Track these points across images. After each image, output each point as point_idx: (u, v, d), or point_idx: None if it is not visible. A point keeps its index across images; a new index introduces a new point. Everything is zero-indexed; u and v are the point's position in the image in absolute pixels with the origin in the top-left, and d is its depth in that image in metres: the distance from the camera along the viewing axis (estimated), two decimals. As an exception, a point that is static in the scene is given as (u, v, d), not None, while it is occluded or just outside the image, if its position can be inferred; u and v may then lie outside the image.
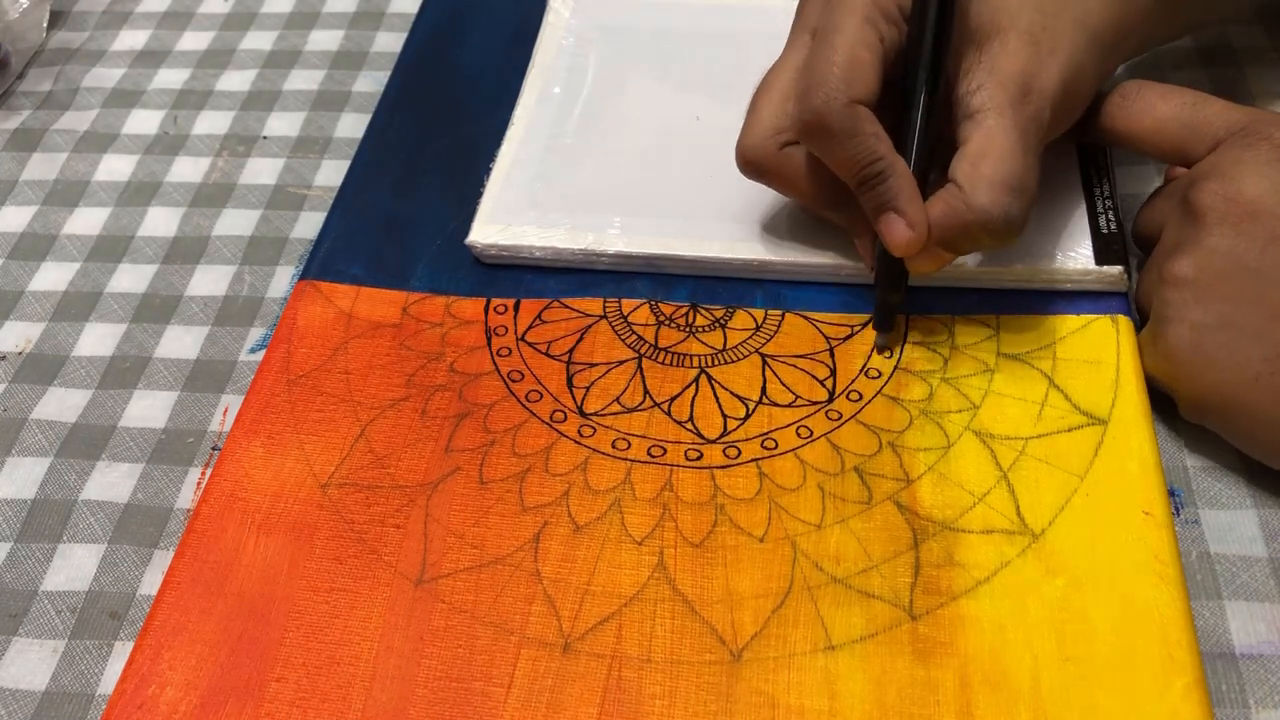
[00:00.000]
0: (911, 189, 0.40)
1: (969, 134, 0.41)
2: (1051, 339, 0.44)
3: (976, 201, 0.40)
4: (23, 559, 0.42)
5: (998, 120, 0.40)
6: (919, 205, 0.40)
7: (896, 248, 0.41)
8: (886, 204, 0.40)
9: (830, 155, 0.41)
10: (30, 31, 0.62)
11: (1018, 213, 0.40)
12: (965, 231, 0.40)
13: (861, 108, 0.40)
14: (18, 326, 0.50)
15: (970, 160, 0.40)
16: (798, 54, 0.43)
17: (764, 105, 0.44)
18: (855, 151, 0.40)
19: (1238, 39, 0.55)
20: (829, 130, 0.40)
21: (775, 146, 0.43)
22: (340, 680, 0.37)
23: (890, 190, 0.40)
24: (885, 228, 0.41)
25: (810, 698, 0.36)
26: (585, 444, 0.43)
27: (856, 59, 0.40)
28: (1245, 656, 0.37)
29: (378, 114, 0.56)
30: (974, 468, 0.41)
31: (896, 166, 0.40)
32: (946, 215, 0.40)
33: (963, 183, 0.40)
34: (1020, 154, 0.40)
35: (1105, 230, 0.46)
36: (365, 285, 0.48)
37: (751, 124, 0.44)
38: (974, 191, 0.40)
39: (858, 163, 0.40)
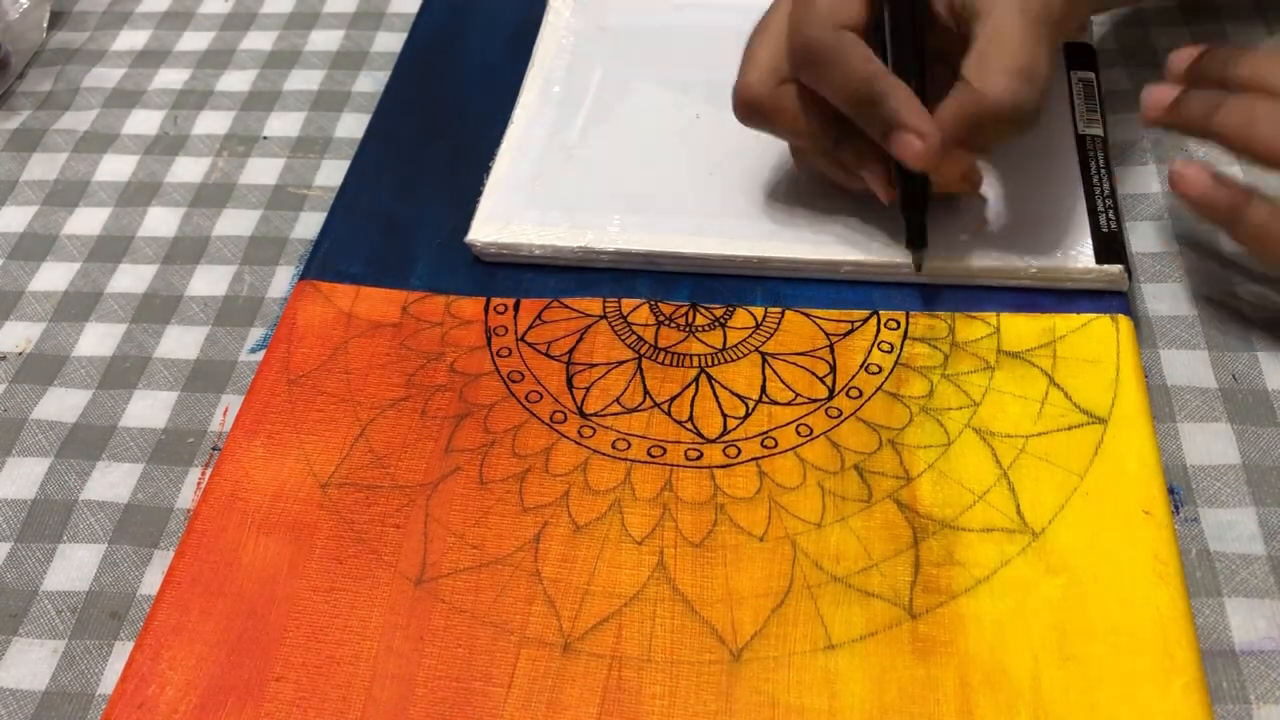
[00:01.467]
0: (911, 101, 0.40)
1: (977, 33, 0.41)
2: (1052, 337, 0.44)
3: (988, 90, 0.39)
4: (23, 559, 0.42)
5: (1005, 13, 0.40)
6: (924, 114, 0.40)
7: (914, 161, 0.40)
8: (891, 123, 0.40)
9: (824, 83, 0.41)
10: (30, 31, 0.62)
11: (1031, 99, 0.40)
12: (980, 125, 0.40)
13: (849, 33, 0.41)
14: (18, 326, 0.50)
15: (979, 53, 0.40)
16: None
17: (760, 46, 0.44)
18: (848, 74, 0.40)
19: (1236, 34, 0.55)
20: (820, 58, 0.41)
21: (772, 84, 0.43)
22: (340, 680, 0.37)
23: (890, 108, 0.40)
24: (897, 146, 0.41)
25: (810, 697, 0.36)
26: (585, 444, 0.43)
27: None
28: (1245, 653, 0.37)
29: (378, 114, 0.56)
30: (974, 466, 0.41)
31: (892, 83, 0.40)
32: (960, 111, 0.40)
33: (972, 76, 0.40)
34: (1031, 40, 0.40)
35: (1105, 229, 0.46)
36: (365, 285, 0.48)
37: (748, 65, 0.44)
38: (984, 82, 0.40)
39: (851, 85, 0.41)
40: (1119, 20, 0.56)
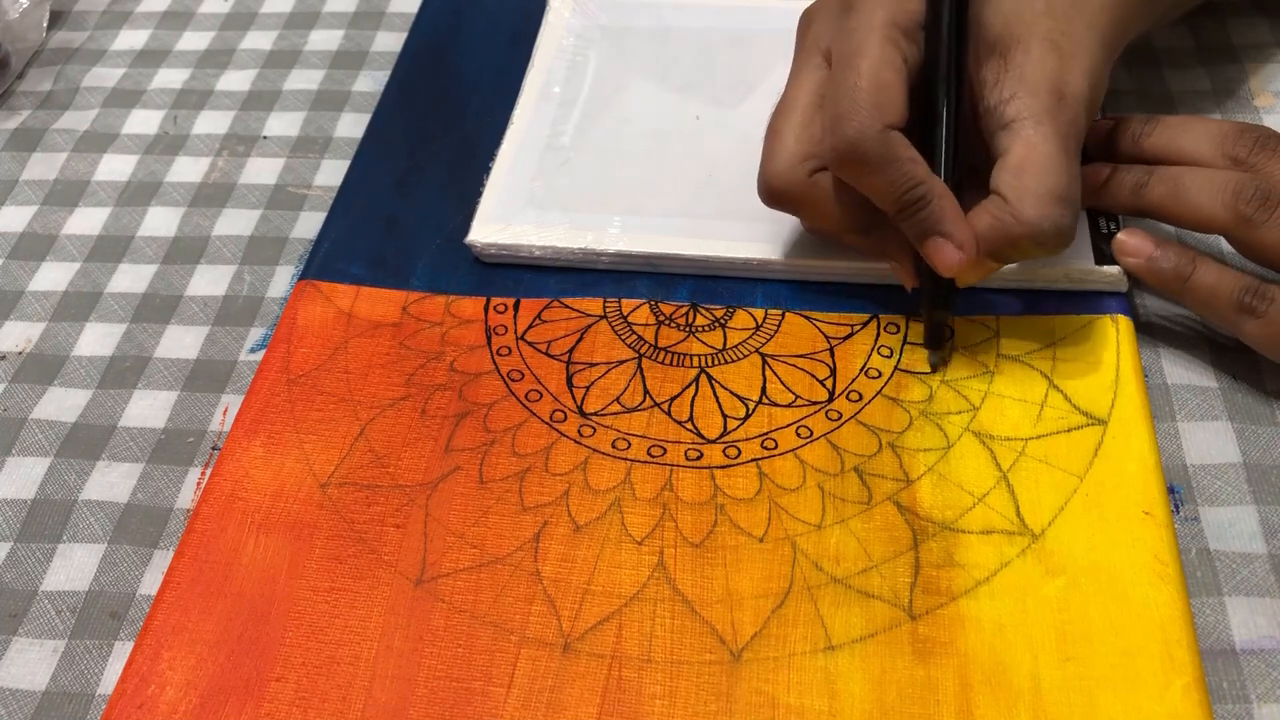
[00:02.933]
0: (955, 210, 0.40)
1: (1008, 144, 0.40)
2: (1051, 339, 0.44)
3: (1025, 214, 0.39)
4: (23, 559, 0.42)
5: (1036, 129, 0.40)
6: (964, 225, 0.40)
7: (948, 270, 0.40)
8: (932, 229, 0.40)
9: (867, 184, 0.40)
10: (30, 31, 0.62)
11: (1068, 223, 0.39)
12: (1014, 245, 0.40)
13: (896, 133, 0.39)
14: (18, 326, 0.50)
15: (1013, 171, 0.40)
16: (812, 76, 0.43)
17: (786, 131, 0.43)
18: (895, 179, 0.39)
19: (1238, 33, 0.55)
20: (866, 160, 0.39)
21: (805, 174, 0.42)
22: (340, 680, 0.37)
23: (934, 214, 0.40)
24: (933, 252, 0.40)
25: (810, 697, 0.36)
26: (585, 444, 0.43)
27: (884, 83, 0.39)
28: (1246, 652, 0.37)
29: (378, 114, 0.56)
30: (974, 468, 0.41)
31: (936, 189, 0.40)
32: (994, 229, 0.40)
33: (1008, 195, 0.39)
34: (1064, 163, 0.39)
35: (1105, 230, 0.46)
36: (365, 285, 0.48)
37: (775, 151, 0.43)
38: (1021, 204, 0.39)
39: (898, 190, 0.40)
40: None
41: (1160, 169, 0.43)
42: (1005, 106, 0.40)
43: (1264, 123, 0.51)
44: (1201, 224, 0.42)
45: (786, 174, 0.42)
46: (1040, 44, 0.41)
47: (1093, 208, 0.46)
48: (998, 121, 0.41)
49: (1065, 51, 0.41)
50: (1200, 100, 0.53)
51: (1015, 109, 0.40)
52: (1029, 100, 0.40)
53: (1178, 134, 0.44)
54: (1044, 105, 0.40)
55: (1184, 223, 0.43)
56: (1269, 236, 0.40)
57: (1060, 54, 0.41)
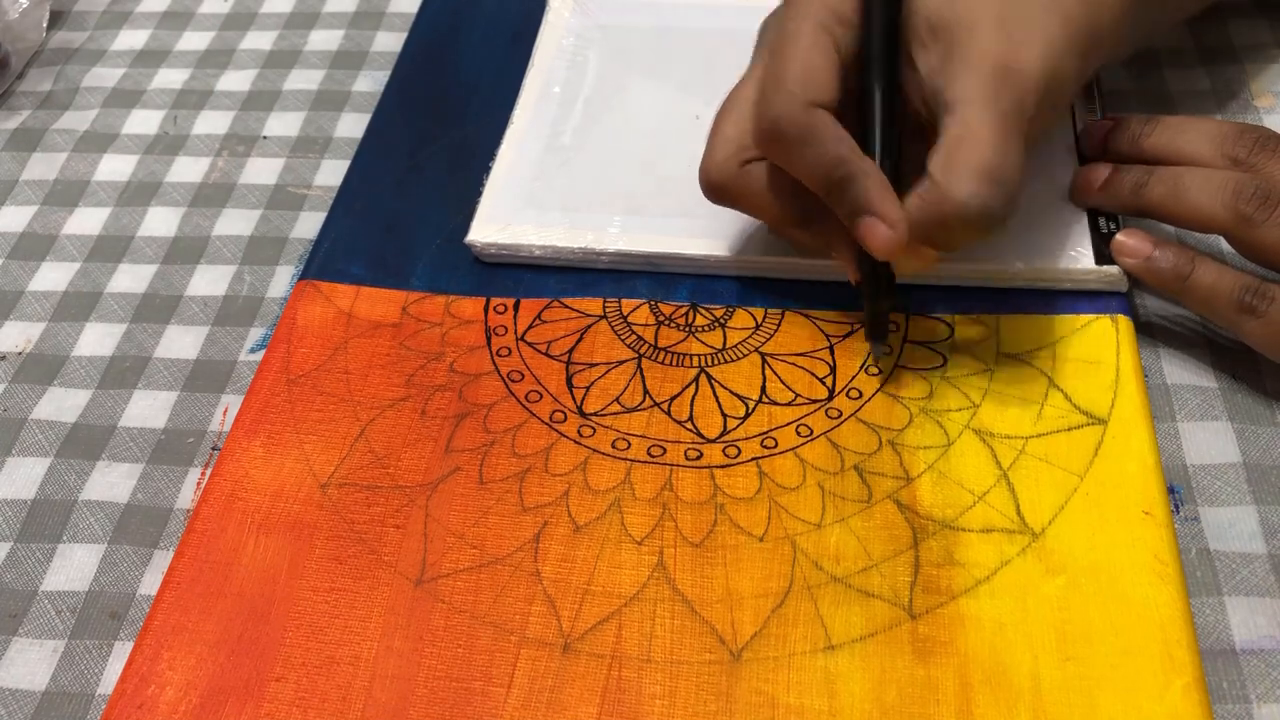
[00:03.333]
0: (883, 187, 0.39)
1: (946, 128, 0.39)
2: (1051, 339, 0.44)
3: (952, 192, 0.38)
4: (23, 559, 0.42)
5: (971, 108, 0.38)
6: (895, 203, 0.39)
7: (879, 250, 0.39)
8: (860, 207, 0.39)
9: (794, 163, 0.40)
10: (30, 31, 0.62)
11: (998, 204, 0.38)
12: (943, 225, 0.39)
13: (820, 111, 0.39)
14: (18, 326, 0.50)
15: (946, 151, 0.38)
16: (756, 71, 0.43)
17: (726, 124, 0.42)
18: (820, 155, 0.39)
19: (1239, 33, 0.55)
20: (788, 136, 0.39)
21: (737, 164, 0.42)
22: (340, 680, 0.37)
23: (862, 192, 0.39)
24: (863, 231, 0.39)
25: (810, 697, 0.36)
26: (585, 444, 0.43)
27: (810, 64, 0.39)
28: (1246, 652, 0.37)
29: (378, 114, 0.56)
30: (974, 467, 0.41)
31: (865, 166, 0.39)
32: (922, 209, 0.38)
33: (937, 175, 0.38)
34: (999, 142, 0.38)
35: (1105, 230, 0.45)
36: (365, 285, 0.48)
37: (714, 145, 0.43)
38: (949, 182, 0.38)
39: (823, 167, 0.39)
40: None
41: (1160, 169, 0.43)
42: (947, 91, 0.39)
43: (1264, 123, 0.51)
44: (1201, 224, 0.42)
45: (722, 166, 0.42)
46: (988, 25, 0.40)
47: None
48: (941, 107, 0.40)
49: (1015, 33, 0.39)
50: (1200, 100, 0.53)
51: (955, 91, 0.39)
52: (968, 81, 0.39)
53: (1177, 134, 0.44)
54: (984, 83, 0.39)
55: (1184, 223, 0.43)
56: (1268, 236, 0.40)
57: (1008, 34, 0.39)
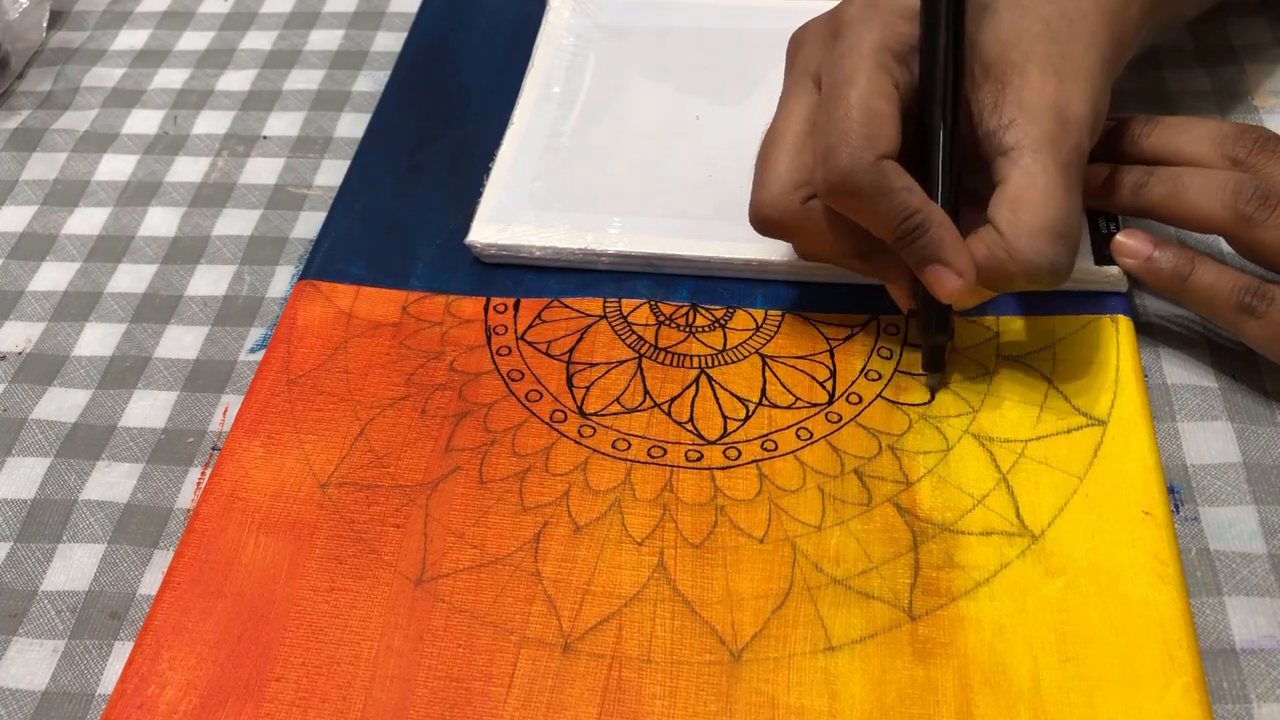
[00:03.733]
0: (954, 237, 0.39)
1: (1006, 173, 0.39)
2: (1051, 340, 0.44)
3: (1019, 250, 0.38)
4: (23, 559, 0.42)
5: (1035, 158, 0.39)
6: (964, 252, 0.39)
7: (947, 296, 0.39)
8: (931, 256, 0.39)
9: (862, 215, 0.39)
10: (30, 31, 0.62)
11: (1064, 260, 0.38)
12: (1009, 278, 0.39)
13: (889, 163, 0.38)
14: (18, 326, 0.50)
15: (1010, 204, 0.38)
16: (802, 102, 0.42)
17: (778, 158, 0.41)
18: (890, 209, 0.38)
19: (1237, 34, 0.55)
20: (859, 192, 0.38)
21: (798, 202, 0.41)
22: (340, 680, 0.37)
23: (933, 242, 0.39)
24: (933, 279, 0.39)
25: (810, 698, 0.36)
26: (585, 444, 0.43)
27: (875, 111, 0.38)
28: (1246, 651, 0.37)
29: (378, 114, 0.56)
30: (973, 470, 0.41)
31: (934, 216, 0.39)
32: (989, 262, 0.39)
33: (1004, 229, 0.38)
34: (1064, 195, 0.38)
35: (1105, 231, 0.45)
36: (365, 285, 0.48)
37: (767, 179, 0.41)
38: (1016, 239, 0.38)
39: (895, 219, 0.39)
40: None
41: (1160, 169, 0.43)
42: (1004, 132, 0.39)
43: (1264, 123, 0.51)
44: (1201, 224, 0.42)
45: (779, 202, 0.41)
46: (1039, 67, 0.40)
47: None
48: (996, 147, 0.40)
49: (1065, 75, 0.40)
50: (1200, 100, 0.53)
51: (1014, 136, 0.39)
52: (1028, 127, 0.39)
53: (1177, 134, 0.44)
54: (1044, 132, 0.39)
55: (1183, 223, 0.43)
56: (1268, 236, 0.40)
57: (1060, 77, 0.40)
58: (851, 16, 0.41)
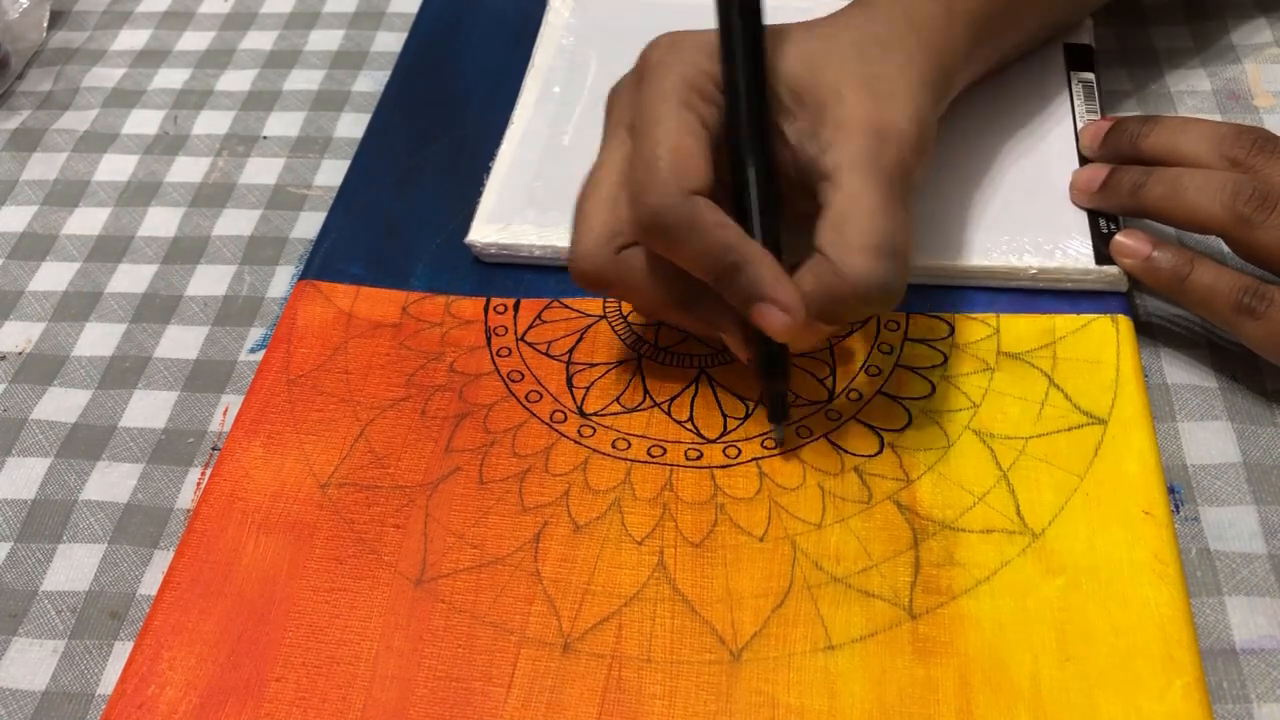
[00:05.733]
0: (775, 271, 0.37)
1: (828, 196, 0.38)
2: (1052, 338, 0.44)
3: (848, 271, 0.37)
4: (23, 559, 0.42)
5: (854, 176, 0.37)
6: (788, 286, 0.37)
7: (778, 334, 0.38)
8: (754, 294, 0.37)
9: (677, 254, 0.38)
10: (30, 31, 0.62)
11: (894, 278, 0.37)
12: (841, 304, 0.37)
13: (700, 199, 0.37)
14: (18, 326, 0.50)
15: (834, 225, 0.37)
16: (616, 153, 0.40)
17: (592, 210, 0.40)
18: (705, 245, 0.37)
19: (1237, 34, 0.55)
20: (670, 228, 0.37)
21: (612, 251, 0.39)
22: (340, 680, 0.37)
23: (753, 277, 0.37)
24: (760, 318, 0.38)
25: (810, 697, 0.36)
26: (585, 444, 0.43)
27: (682, 148, 0.37)
28: (1246, 651, 0.37)
29: (378, 114, 0.56)
30: (974, 467, 0.41)
31: (752, 252, 0.37)
32: (818, 289, 0.37)
33: (829, 251, 0.37)
34: (888, 211, 0.37)
35: (1105, 230, 0.45)
36: (365, 285, 0.48)
37: (582, 233, 0.40)
38: (843, 260, 0.37)
39: (710, 256, 0.37)
40: (1119, 20, 0.56)
41: (1158, 170, 0.43)
42: (823, 156, 0.38)
43: (1264, 123, 0.51)
44: (1199, 224, 0.42)
45: (595, 254, 0.40)
46: (853, 88, 0.39)
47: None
48: (818, 174, 0.39)
49: (881, 93, 0.39)
50: (1200, 100, 0.53)
51: (833, 157, 0.38)
52: (846, 146, 0.38)
53: (1176, 134, 0.44)
54: (862, 149, 0.38)
55: (1182, 223, 0.43)
56: (1266, 237, 0.40)
57: (876, 96, 0.39)
58: (655, 60, 0.40)
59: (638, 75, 0.41)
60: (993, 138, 0.49)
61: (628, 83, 0.42)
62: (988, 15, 0.44)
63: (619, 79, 0.43)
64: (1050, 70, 0.51)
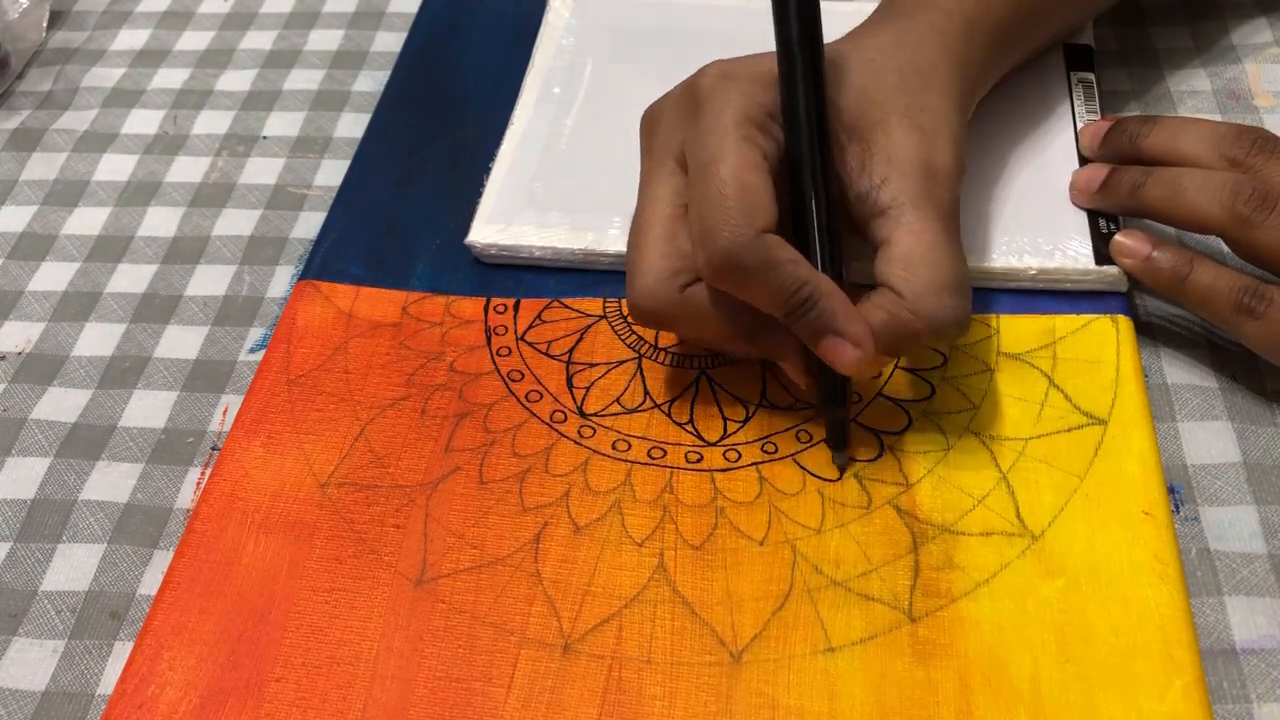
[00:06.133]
0: (846, 306, 0.38)
1: (888, 233, 0.38)
2: (1051, 339, 0.44)
3: (923, 310, 0.37)
4: (23, 559, 0.42)
5: (916, 214, 0.38)
6: (858, 320, 0.38)
7: (847, 369, 0.38)
8: (824, 328, 0.38)
9: (750, 293, 0.38)
10: (30, 31, 0.62)
11: (965, 314, 0.38)
12: (912, 340, 0.38)
13: (771, 236, 0.37)
14: (18, 326, 0.50)
15: (902, 263, 0.38)
16: (666, 185, 0.40)
17: (649, 247, 0.39)
18: (778, 284, 0.37)
19: (1237, 34, 0.55)
20: (745, 269, 0.37)
21: (676, 290, 0.39)
22: (340, 680, 0.37)
23: (825, 313, 0.38)
24: (830, 352, 0.38)
25: (810, 699, 0.36)
26: (585, 444, 0.43)
27: (749, 185, 0.37)
28: (1246, 651, 0.37)
29: (378, 114, 0.56)
30: (974, 469, 0.41)
31: (823, 287, 0.38)
32: (890, 326, 0.38)
33: (901, 289, 0.38)
34: (954, 248, 0.38)
35: (1105, 230, 0.45)
36: (365, 285, 0.48)
37: (641, 270, 0.39)
38: (918, 299, 0.37)
39: (784, 293, 0.37)
40: (1119, 20, 0.56)
41: (1158, 170, 0.43)
42: (878, 193, 0.39)
43: (1264, 123, 0.51)
44: (1199, 224, 0.42)
45: (658, 293, 0.39)
46: (900, 123, 0.40)
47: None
48: (872, 209, 0.39)
49: (926, 128, 0.40)
50: (1200, 100, 0.53)
51: (889, 194, 0.39)
52: (902, 183, 0.39)
53: (1175, 135, 0.44)
54: (918, 188, 0.38)
55: (1181, 223, 0.43)
56: (1266, 237, 0.40)
57: (922, 131, 0.40)
58: (708, 89, 0.40)
59: (688, 105, 0.40)
60: (993, 138, 0.49)
61: (672, 112, 0.41)
62: (1004, 32, 0.45)
63: (655, 101, 0.42)
64: (1050, 70, 0.51)
